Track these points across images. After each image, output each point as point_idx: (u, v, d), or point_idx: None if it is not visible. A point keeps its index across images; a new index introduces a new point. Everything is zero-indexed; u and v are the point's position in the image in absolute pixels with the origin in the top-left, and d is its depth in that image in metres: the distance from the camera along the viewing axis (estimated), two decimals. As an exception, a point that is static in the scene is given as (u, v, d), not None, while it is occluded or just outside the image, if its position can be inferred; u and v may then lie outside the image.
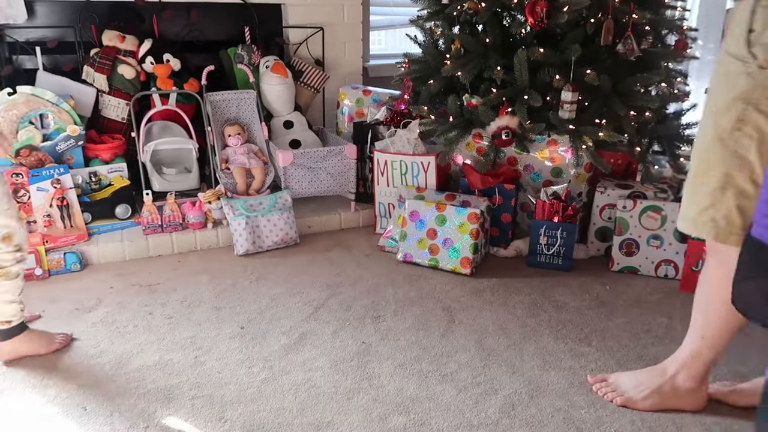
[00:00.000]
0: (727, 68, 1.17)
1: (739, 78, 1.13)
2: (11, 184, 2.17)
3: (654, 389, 1.46)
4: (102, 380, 1.56)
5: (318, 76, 2.99)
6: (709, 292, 1.35)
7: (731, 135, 1.16)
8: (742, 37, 1.12)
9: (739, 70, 1.13)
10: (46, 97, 2.28)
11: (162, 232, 2.36)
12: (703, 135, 1.23)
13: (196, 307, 1.94)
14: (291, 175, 2.52)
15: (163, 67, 2.63)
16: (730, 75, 1.16)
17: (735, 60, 1.14)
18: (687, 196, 1.28)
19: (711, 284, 1.34)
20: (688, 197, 1.27)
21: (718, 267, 1.30)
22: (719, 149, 1.18)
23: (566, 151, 2.32)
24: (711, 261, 1.34)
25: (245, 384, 1.55)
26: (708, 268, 1.35)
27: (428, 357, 1.68)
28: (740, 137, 1.15)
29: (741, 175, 1.16)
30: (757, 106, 1.12)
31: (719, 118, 1.18)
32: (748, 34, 1.11)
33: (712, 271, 1.34)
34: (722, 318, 1.33)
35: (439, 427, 1.40)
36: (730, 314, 1.32)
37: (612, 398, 1.49)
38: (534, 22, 2.22)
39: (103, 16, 2.67)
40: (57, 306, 1.93)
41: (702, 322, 1.39)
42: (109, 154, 2.46)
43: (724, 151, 1.17)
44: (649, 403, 1.46)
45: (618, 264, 2.22)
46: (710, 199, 1.21)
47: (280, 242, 2.41)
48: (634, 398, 1.47)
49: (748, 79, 1.12)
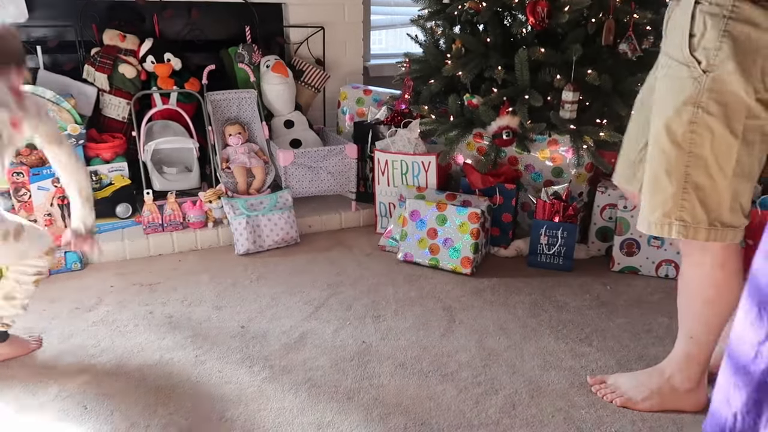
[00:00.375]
0: (673, 73, 1.21)
1: (686, 83, 1.17)
2: (12, 183, 2.17)
3: (654, 390, 1.46)
4: (102, 379, 1.56)
5: (319, 75, 2.99)
6: (689, 293, 1.37)
7: (684, 137, 1.20)
8: (685, 42, 1.16)
9: (685, 74, 1.18)
10: (47, 96, 2.28)
11: (163, 231, 2.36)
12: (658, 140, 1.25)
13: (197, 307, 1.94)
14: (291, 174, 2.52)
15: (163, 66, 2.63)
16: (677, 80, 1.19)
17: (679, 65, 1.18)
18: (649, 200, 1.29)
19: (689, 286, 1.36)
20: (652, 201, 1.29)
21: (694, 267, 1.33)
22: (675, 152, 1.22)
23: (567, 151, 2.32)
24: (686, 263, 1.36)
25: (246, 383, 1.55)
26: (684, 271, 1.37)
27: (428, 357, 1.68)
28: (694, 138, 1.19)
29: (698, 172, 1.21)
30: (705, 109, 1.16)
31: (671, 123, 1.22)
32: (690, 38, 1.15)
33: (688, 272, 1.36)
34: (705, 317, 1.35)
35: (439, 426, 1.40)
36: (712, 313, 1.34)
37: (612, 399, 1.49)
38: (535, 22, 2.22)
39: (104, 15, 2.67)
40: (57, 305, 1.93)
41: (688, 324, 1.40)
42: (110, 153, 2.46)
43: (681, 153, 1.21)
44: (648, 404, 1.46)
45: (619, 264, 2.22)
46: (673, 200, 1.24)
47: (280, 241, 2.41)
48: (634, 399, 1.47)
49: (695, 84, 1.16)
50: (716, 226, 1.24)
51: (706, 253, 1.29)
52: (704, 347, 1.39)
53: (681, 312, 1.42)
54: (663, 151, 1.24)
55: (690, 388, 1.44)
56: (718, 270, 1.29)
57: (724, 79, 1.14)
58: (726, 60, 1.13)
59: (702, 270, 1.31)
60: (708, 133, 1.18)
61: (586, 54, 2.20)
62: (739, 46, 1.12)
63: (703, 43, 1.14)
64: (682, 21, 1.19)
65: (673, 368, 1.46)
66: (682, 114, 1.19)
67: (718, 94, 1.16)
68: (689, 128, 1.19)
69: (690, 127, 1.19)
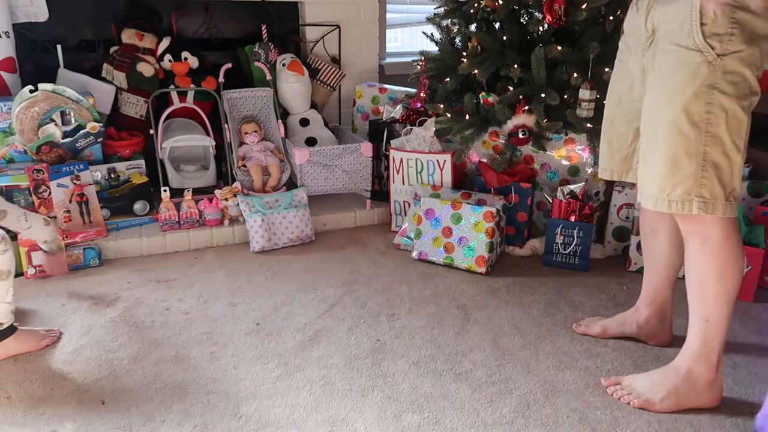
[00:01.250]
0: (682, 59, 1.28)
1: (701, 67, 1.26)
2: (32, 180, 2.20)
3: (670, 389, 1.45)
4: (120, 374, 1.58)
5: (334, 73, 3.00)
6: (700, 272, 1.40)
7: (702, 117, 1.28)
8: (696, 30, 1.25)
9: (699, 59, 1.26)
10: (67, 94, 2.31)
11: (179, 228, 2.38)
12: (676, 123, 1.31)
13: (213, 303, 1.96)
14: (307, 172, 2.53)
15: (181, 64, 2.65)
16: (688, 65, 1.28)
17: (691, 51, 1.27)
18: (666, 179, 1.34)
19: (701, 264, 1.39)
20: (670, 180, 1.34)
21: (704, 244, 1.37)
22: (694, 132, 1.29)
23: (583, 150, 2.30)
24: (694, 242, 1.39)
25: (260, 380, 1.56)
26: (692, 251, 1.40)
27: (443, 355, 1.68)
28: (711, 118, 1.28)
29: (715, 151, 1.29)
30: (720, 90, 1.26)
31: (689, 105, 1.28)
32: (701, 26, 1.24)
33: (696, 251, 1.39)
34: (720, 293, 1.39)
35: (453, 425, 1.40)
36: (724, 288, 1.38)
37: (629, 401, 1.47)
38: (552, 20, 2.20)
39: (123, 14, 2.70)
40: (76, 300, 1.96)
41: (702, 307, 1.41)
42: (128, 150, 2.48)
43: (699, 133, 1.29)
44: (666, 404, 1.44)
45: (635, 264, 2.20)
46: (694, 179, 1.31)
47: (295, 239, 2.42)
48: (651, 400, 1.45)
49: (710, 67, 1.26)
50: (731, 200, 1.32)
51: (713, 227, 1.35)
52: (721, 327, 1.41)
53: (693, 297, 1.43)
54: (681, 133, 1.30)
55: (710, 380, 1.44)
56: (725, 242, 1.36)
57: (735, 61, 1.25)
58: (737, 44, 1.24)
59: (711, 245, 1.37)
60: (723, 113, 1.27)
61: (603, 52, 2.18)
62: (745, 31, 1.24)
63: (714, 30, 1.24)
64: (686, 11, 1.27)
65: (690, 362, 1.45)
66: (700, 96, 1.27)
67: (731, 75, 1.26)
68: (706, 109, 1.27)
69: (707, 108, 1.27)
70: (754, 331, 1.81)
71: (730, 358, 1.66)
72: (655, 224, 1.62)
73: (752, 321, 1.87)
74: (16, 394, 1.49)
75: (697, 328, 1.43)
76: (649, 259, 1.69)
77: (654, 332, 1.71)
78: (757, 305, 1.96)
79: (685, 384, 1.45)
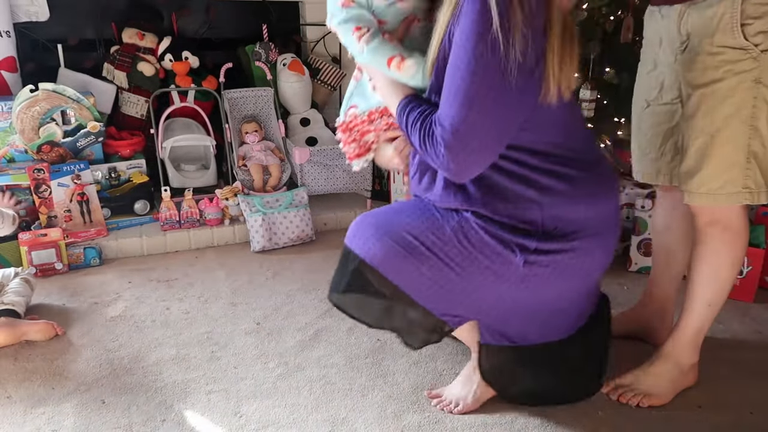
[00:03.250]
0: (729, 58, 1.31)
1: (745, 63, 1.29)
2: (33, 179, 2.20)
3: (668, 378, 1.49)
4: (120, 373, 1.58)
5: (335, 73, 3.00)
6: (718, 258, 1.43)
7: (748, 112, 1.31)
8: (737, 30, 1.28)
9: (744, 57, 1.29)
10: (68, 93, 2.31)
11: (180, 228, 2.38)
12: (723, 121, 1.33)
13: (213, 303, 1.96)
14: (307, 172, 2.53)
15: (181, 64, 2.66)
16: (736, 63, 1.30)
17: (736, 50, 1.30)
18: (719, 175, 1.36)
19: (719, 251, 1.42)
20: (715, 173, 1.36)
21: (725, 231, 1.40)
22: (742, 128, 1.32)
23: (584, 150, 2.30)
24: (715, 230, 1.41)
25: (261, 379, 1.56)
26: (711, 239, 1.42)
27: (443, 355, 1.68)
28: (755, 111, 1.31)
29: (756, 142, 1.33)
30: (765, 83, 1.29)
31: (739, 102, 1.31)
32: (742, 27, 1.27)
33: (718, 238, 1.42)
34: (729, 278, 1.44)
35: (453, 425, 1.40)
36: (734, 274, 1.44)
37: (637, 402, 1.47)
38: (552, 20, 2.20)
39: (123, 13, 2.70)
40: (77, 300, 1.96)
41: (709, 293, 1.45)
42: (129, 150, 2.49)
43: (743, 126, 1.32)
44: (668, 395, 1.48)
45: (636, 264, 2.20)
46: (741, 171, 1.34)
47: (296, 239, 2.42)
48: (655, 394, 1.47)
49: (755, 63, 1.29)
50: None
51: (734, 215, 1.39)
52: (715, 312, 1.47)
53: (701, 283, 1.45)
54: (732, 130, 1.33)
55: (694, 361, 1.50)
56: (743, 230, 1.41)
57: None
58: None
59: (731, 232, 1.40)
60: (765, 105, 1.31)
61: (604, 52, 2.18)
62: None
63: (759, 28, 1.27)
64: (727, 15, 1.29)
65: (680, 348, 1.50)
66: (747, 91, 1.31)
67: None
68: (752, 103, 1.31)
69: (753, 102, 1.31)
70: (754, 331, 1.81)
71: (730, 358, 1.66)
72: (669, 221, 1.64)
73: (752, 321, 1.87)
74: (17, 393, 1.49)
75: (697, 313, 1.47)
76: (659, 256, 1.70)
77: (655, 330, 1.71)
78: (757, 305, 1.96)
79: (677, 370, 1.49)
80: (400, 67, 1.21)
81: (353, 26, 1.24)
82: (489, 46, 1.05)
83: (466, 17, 1.08)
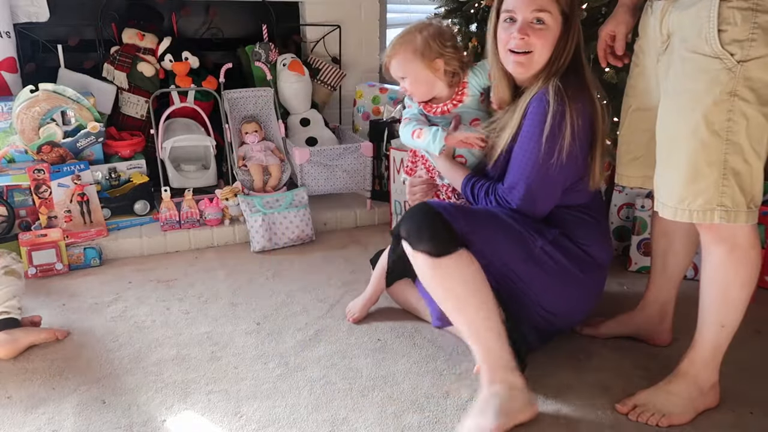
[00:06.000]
0: (701, 66, 1.26)
1: (720, 74, 1.23)
2: (33, 180, 2.21)
3: (686, 398, 1.42)
4: (120, 374, 1.58)
5: (335, 73, 3.00)
6: (726, 279, 1.37)
7: (722, 126, 1.25)
8: (713, 37, 1.22)
9: (718, 66, 1.23)
10: (68, 94, 2.31)
11: (180, 228, 2.38)
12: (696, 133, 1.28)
13: (213, 303, 1.96)
14: (307, 172, 2.53)
15: (181, 64, 2.66)
16: (709, 72, 1.25)
17: (710, 58, 1.24)
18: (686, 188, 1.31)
19: (726, 272, 1.36)
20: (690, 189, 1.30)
21: (731, 252, 1.34)
22: (715, 141, 1.26)
23: (584, 150, 2.29)
24: (720, 250, 1.35)
25: (261, 380, 1.56)
26: (718, 259, 1.36)
27: (443, 355, 1.68)
28: (731, 126, 1.25)
29: (735, 159, 1.26)
30: (741, 97, 1.23)
31: (709, 114, 1.25)
32: (719, 33, 1.22)
33: (725, 258, 1.36)
34: (741, 300, 1.37)
35: (453, 425, 1.40)
36: (746, 295, 1.37)
37: (656, 422, 1.41)
38: (552, 20, 2.19)
39: (123, 14, 2.70)
40: (77, 300, 1.96)
41: (721, 314, 1.39)
42: (129, 150, 2.49)
43: (719, 142, 1.26)
44: (687, 416, 1.41)
45: (636, 264, 2.20)
46: (715, 188, 1.28)
47: (295, 239, 2.42)
48: (674, 414, 1.41)
49: (730, 74, 1.22)
50: (752, 207, 1.30)
51: (740, 235, 1.33)
52: (731, 332, 1.40)
53: (711, 305, 1.39)
54: (701, 142, 1.27)
55: (714, 382, 1.43)
56: (752, 250, 1.34)
57: (757, 67, 1.21)
58: (759, 49, 1.21)
59: (738, 253, 1.34)
60: (743, 120, 1.24)
61: (604, 52, 2.18)
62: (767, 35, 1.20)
63: (734, 36, 1.21)
64: (704, 18, 1.23)
65: (698, 368, 1.43)
66: (720, 104, 1.24)
67: (752, 82, 1.22)
68: (726, 117, 1.24)
69: (727, 116, 1.24)
70: (754, 331, 1.81)
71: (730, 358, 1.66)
72: (668, 225, 1.57)
73: (752, 321, 1.87)
74: (17, 393, 1.49)
75: (711, 334, 1.41)
76: (658, 258, 1.67)
77: (655, 332, 1.70)
78: (757, 305, 1.96)
79: (695, 390, 1.43)
80: (419, 135, 1.66)
81: None
82: (546, 143, 1.43)
83: (530, 118, 1.46)
